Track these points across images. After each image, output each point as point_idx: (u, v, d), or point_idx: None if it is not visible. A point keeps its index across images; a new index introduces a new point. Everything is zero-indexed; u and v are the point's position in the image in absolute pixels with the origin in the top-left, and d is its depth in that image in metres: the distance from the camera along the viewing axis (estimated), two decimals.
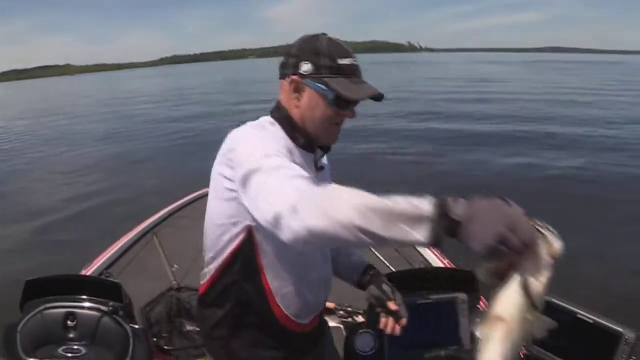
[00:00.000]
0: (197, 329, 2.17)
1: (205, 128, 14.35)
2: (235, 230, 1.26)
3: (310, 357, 1.48)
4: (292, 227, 0.92)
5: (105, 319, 1.72)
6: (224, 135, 1.25)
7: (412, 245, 0.93)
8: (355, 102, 1.30)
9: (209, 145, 1.78)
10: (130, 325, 1.75)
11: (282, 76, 1.33)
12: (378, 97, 1.31)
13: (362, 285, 1.50)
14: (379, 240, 0.87)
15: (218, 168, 1.24)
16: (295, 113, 1.31)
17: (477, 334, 0.89)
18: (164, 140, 13.45)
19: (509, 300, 0.83)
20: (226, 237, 1.28)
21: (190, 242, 3.16)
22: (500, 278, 0.85)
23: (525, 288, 0.82)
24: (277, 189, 0.99)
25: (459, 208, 0.82)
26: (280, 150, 1.14)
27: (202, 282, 1.40)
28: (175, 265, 2.55)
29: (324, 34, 1.32)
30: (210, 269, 1.35)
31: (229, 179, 1.18)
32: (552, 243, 0.83)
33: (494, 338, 0.85)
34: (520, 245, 0.79)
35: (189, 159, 10.09)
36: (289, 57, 1.31)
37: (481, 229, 0.79)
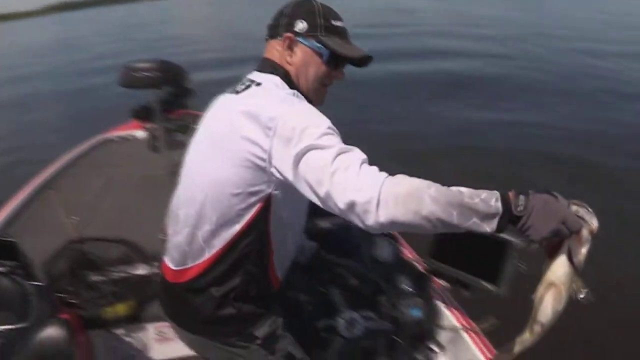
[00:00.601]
0: (104, 278, 2.14)
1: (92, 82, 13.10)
2: (253, 199, 1.20)
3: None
4: (377, 218, 0.98)
5: (2, 280, 1.66)
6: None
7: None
8: (346, 62, 1.36)
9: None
10: (31, 283, 1.70)
11: (273, 36, 1.35)
12: (368, 60, 1.39)
13: None
14: (452, 229, 1.00)
15: (245, 133, 1.14)
16: (289, 70, 1.33)
17: (533, 296, 1.11)
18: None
19: (559, 270, 1.05)
20: (241, 207, 1.21)
21: (89, 192, 3.04)
22: (550, 255, 1.06)
23: (571, 261, 1.04)
24: (359, 179, 1.00)
25: (520, 205, 0.98)
26: (331, 126, 1.11)
27: (193, 263, 1.30)
28: (75, 217, 2.47)
29: None
30: (214, 244, 1.26)
31: (261, 147, 1.12)
32: (591, 223, 1.02)
33: (548, 299, 1.07)
34: (568, 234, 1.00)
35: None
36: (282, 16, 1.34)
37: (539, 224, 0.97)
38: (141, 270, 2.24)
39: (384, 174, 1.02)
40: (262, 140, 1.12)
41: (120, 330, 2.12)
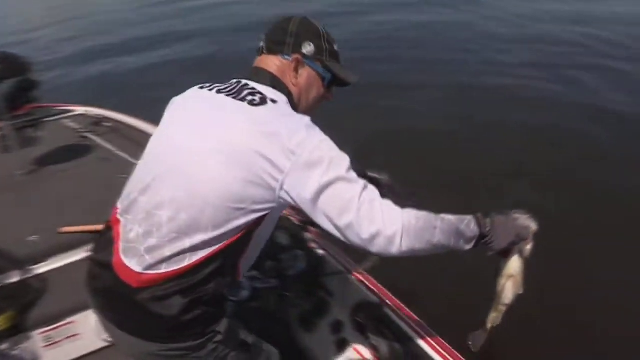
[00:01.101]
0: None
1: None
2: (252, 216, 1.21)
3: None
4: (401, 248, 1.16)
5: None
6: None
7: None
8: (341, 85, 1.49)
9: None
10: None
11: (275, 52, 1.39)
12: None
13: None
14: (446, 250, 1.26)
15: (266, 152, 1.14)
16: (293, 90, 1.39)
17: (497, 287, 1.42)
18: None
19: (515, 266, 1.37)
20: (239, 221, 1.20)
21: None
22: (505, 255, 1.37)
23: (523, 258, 1.37)
24: (384, 213, 1.16)
25: (487, 226, 1.27)
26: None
27: (167, 269, 1.20)
28: None
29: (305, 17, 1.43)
30: (198, 253, 1.20)
31: (279, 169, 1.14)
32: (532, 227, 1.34)
33: (509, 287, 1.40)
34: (520, 242, 1.33)
35: None
36: (288, 35, 1.38)
37: (500, 239, 1.29)
38: (14, 277, 2.09)
39: (399, 209, 1.19)
40: (282, 162, 1.14)
41: (3, 345, 1.98)
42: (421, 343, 1.77)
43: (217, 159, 1.18)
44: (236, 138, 1.18)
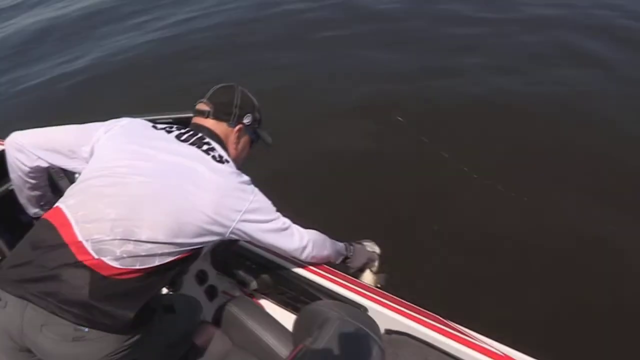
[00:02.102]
0: None
1: None
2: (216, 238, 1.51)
3: None
4: (310, 257, 1.75)
5: None
6: None
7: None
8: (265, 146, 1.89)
9: None
10: None
11: (222, 120, 1.69)
12: None
13: None
14: (330, 261, 1.87)
15: (221, 211, 1.46)
16: (233, 153, 1.70)
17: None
18: None
19: (368, 278, 1.98)
20: (205, 239, 1.47)
21: None
22: (362, 270, 1.98)
23: (372, 272, 1.99)
24: (302, 239, 1.68)
25: (350, 251, 1.92)
26: None
27: (142, 266, 1.34)
28: None
29: (240, 86, 1.78)
30: (169, 257, 1.39)
31: (226, 225, 1.48)
32: (376, 251, 2.02)
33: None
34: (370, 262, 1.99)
35: None
36: (233, 107, 1.71)
37: (357, 261, 1.94)
38: None
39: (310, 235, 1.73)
40: (233, 216, 1.48)
41: None
42: (285, 264, 1.92)
43: (181, 188, 1.43)
44: (196, 180, 1.46)
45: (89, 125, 1.58)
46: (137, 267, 1.33)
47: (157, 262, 1.36)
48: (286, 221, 1.64)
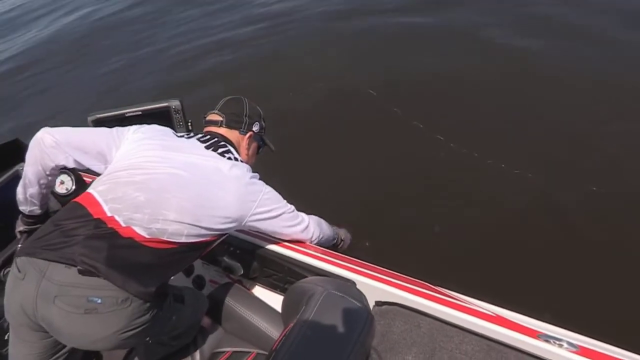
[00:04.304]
0: None
1: None
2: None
3: None
4: (314, 241, 1.93)
5: None
6: None
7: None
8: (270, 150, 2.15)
9: None
10: None
11: (234, 128, 1.92)
12: None
13: None
14: (328, 245, 2.06)
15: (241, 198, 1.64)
16: (244, 158, 1.89)
17: None
18: None
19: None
20: (224, 226, 1.62)
21: None
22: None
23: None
24: (307, 225, 1.89)
25: (342, 235, 2.24)
26: None
27: (169, 239, 1.45)
28: None
29: (245, 97, 2.04)
30: (190, 236, 1.51)
31: (242, 219, 1.67)
32: (350, 236, 2.32)
33: None
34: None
35: None
36: (244, 116, 1.96)
37: (345, 247, 2.24)
38: None
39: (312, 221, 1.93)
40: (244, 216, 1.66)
41: None
42: (268, 247, 1.94)
43: (210, 186, 1.58)
44: (214, 179, 1.61)
45: (118, 130, 1.70)
46: (165, 239, 1.43)
47: (183, 239, 1.48)
48: (293, 208, 1.82)
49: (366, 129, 4.01)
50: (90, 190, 1.50)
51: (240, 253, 1.98)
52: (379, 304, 1.67)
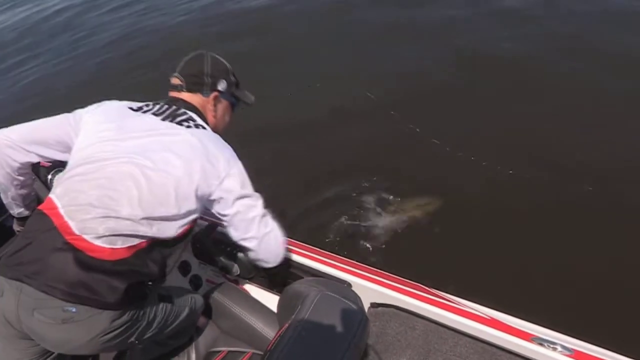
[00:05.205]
0: None
1: None
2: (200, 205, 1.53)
3: None
4: (261, 249, 1.64)
5: None
6: None
7: None
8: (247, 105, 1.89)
9: None
10: None
11: (195, 91, 1.71)
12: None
13: None
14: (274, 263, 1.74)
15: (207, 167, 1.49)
16: (212, 121, 1.74)
17: None
18: None
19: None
20: (185, 208, 1.48)
21: None
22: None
23: None
24: (266, 226, 1.61)
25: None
26: None
27: (123, 245, 1.35)
28: None
29: (209, 52, 1.76)
30: (146, 234, 1.40)
31: (215, 183, 1.51)
32: None
33: None
34: None
35: None
36: (204, 75, 1.71)
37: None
38: None
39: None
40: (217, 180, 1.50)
41: None
42: None
43: (169, 160, 1.46)
44: (180, 150, 1.48)
45: (74, 115, 1.61)
46: (119, 247, 1.34)
47: (138, 240, 1.37)
48: (261, 202, 1.61)
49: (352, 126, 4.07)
50: (50, 194, 1.45)
51: (236, 253, 1.99)
52: (374, 305, 1.67)
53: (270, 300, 1.92)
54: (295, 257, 1.84)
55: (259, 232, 1.59)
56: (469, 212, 3.07)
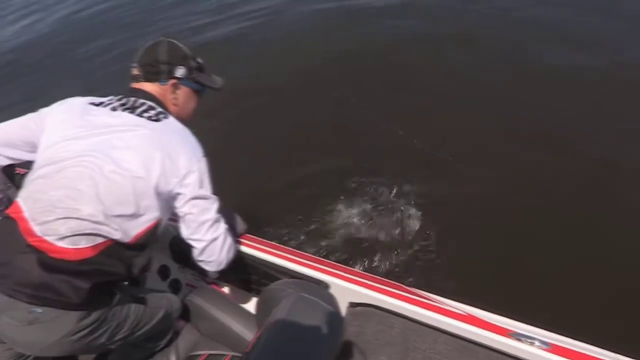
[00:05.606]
0: None
1: None
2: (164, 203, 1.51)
3: None
4: (207, 255, 1.63)
5: None
6: None
7: None
8: (214, 90, 1.78)
9: None
10: None
11: (152, 80, 1.64)
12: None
13: None
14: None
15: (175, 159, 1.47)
16: (173, 110, 1.66)
17: None
18: None
19: None
20: (144, 202, 1.45)
21: None
22: None
23: None
24: (217, 231, 1.60)
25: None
26: None
27: (87, 245, 1.34)
28: None
29: (168, 38, 1.68)
30: (107, 235, 1.37)
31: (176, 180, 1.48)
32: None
33: None
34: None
35: None
36: (160, 63, 1.63)
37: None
38: None
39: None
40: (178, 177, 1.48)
41: None
42: (243, 249, 1.91)
43: (128, 155, 1.43)
44: (141, 144, 1.45)
45: (38, 114, 1.59)
46: (83, 247, 1.33)
47: (101, 239, 1.36)
48: (216, 206, 1.58)
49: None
50: (18, 197, 1.44)
51: None
52: (352, 305, 1.66)
53: (249, 302, 1.91)
54: (273, 259, 1.83)
55: (206, 236, 1.57)
56: (441, 208, 3.09)
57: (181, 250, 2.05)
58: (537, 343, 1.41)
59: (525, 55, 4.52)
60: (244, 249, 1.90)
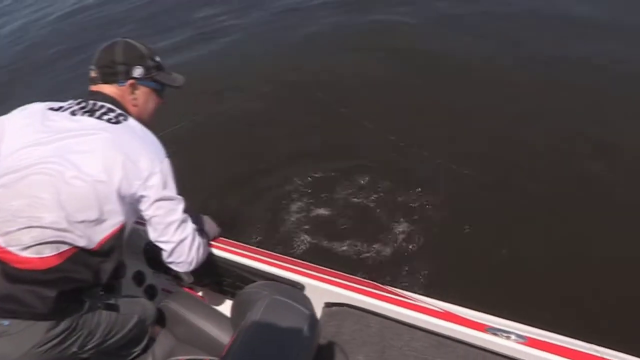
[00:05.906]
0: None
1: None
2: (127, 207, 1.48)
3: None
4: (176, 256, 1.61)
5: None
6: None
7: None
8: (175, 88, 1.75)
9: None
10: None
11: (109, 82, 1.60)
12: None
13: None
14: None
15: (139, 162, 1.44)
16: (133, 111, 1.63)
17: None
18: None
19: None
20: (108, 207, 1.42)
21: None
22: None
23: None
24: (184, 232, 1.57)
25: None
26: None
27: (51, 253, 1.31)
28: None
29: (125, 38, 1.64)
30: (71, 242, 1.34)
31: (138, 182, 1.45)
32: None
33: None
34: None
35: None
36: (116, 64, 1.59)
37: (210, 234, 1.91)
38: None
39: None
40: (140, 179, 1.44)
41: None
42: (216, 252, 1.89)
43: (89, 162, 1.39)
44: (101, 147, 1.41)
45: (1, 119, 1.54)
46: (48, 255, 1.31)
47: (66, 247, 1.33)
48: (182, 207, 1.56)
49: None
50: None
51: None
52: (328, 305, 1.65)
53: (225, 306, 1.89)
54: (247, 261, 1.81)
55: (174, 237, 1.55)
56: (416, 204, 3.09)
57: (155, 256, 2.03)
58: (513, 337, 1.41)
59: (518, 55, 4.56)
60: (218, 252, 1.87)
